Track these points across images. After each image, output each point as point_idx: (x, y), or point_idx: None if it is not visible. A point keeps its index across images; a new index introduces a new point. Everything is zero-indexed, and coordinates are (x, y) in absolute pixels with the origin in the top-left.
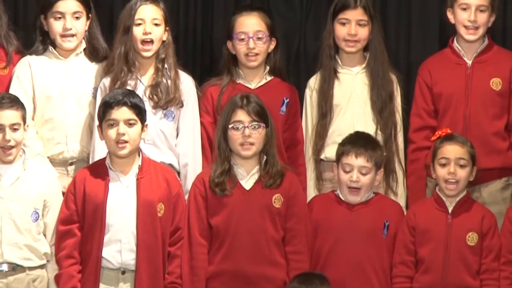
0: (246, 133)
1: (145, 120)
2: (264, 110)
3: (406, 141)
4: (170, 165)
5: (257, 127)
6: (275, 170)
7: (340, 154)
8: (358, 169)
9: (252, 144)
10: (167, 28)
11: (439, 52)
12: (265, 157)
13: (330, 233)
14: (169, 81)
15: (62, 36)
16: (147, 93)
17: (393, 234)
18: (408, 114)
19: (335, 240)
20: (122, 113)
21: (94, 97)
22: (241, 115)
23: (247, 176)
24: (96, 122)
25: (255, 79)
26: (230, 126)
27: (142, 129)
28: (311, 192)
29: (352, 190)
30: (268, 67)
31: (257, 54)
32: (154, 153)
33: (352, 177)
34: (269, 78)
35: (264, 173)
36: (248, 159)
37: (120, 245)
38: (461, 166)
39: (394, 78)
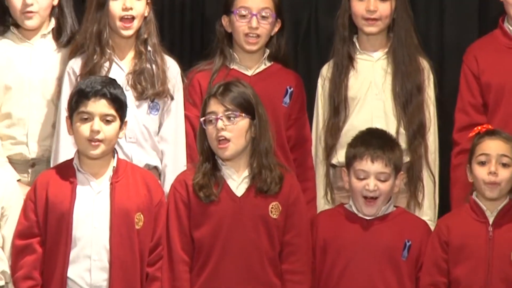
0: (219, 125)
1: (125, 117)
2: (248, 99)
3: (442, 141)
4: (156, 168)
5: (233, 117)
6: (268, 173)
7: (352, 157)
8: (375, 176)
9: (227, 139)
10: (148, 1)
11: (488, 35)
12: (256, 156)
13: (341, 254)
14: (154, 67)
15: (22, 12)
16: (129, 81)
17: (415, 257)
18: (444, 109)
19: (347, 263)
20: (100, 106)
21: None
22: (213, 105)
23: (239, 180)
24: (63, 116)
25: (253, 65)
26: (203, 119)
27: (121, 127)
28: (321, 203)
29: (369, 201)
30: (268, 51)
31: (258, 36)
32: (137, 154)
33: (369, 186)
34: (268, 63)
35: (256, 176)
36: (229, 160)
37: (89, 262)
38: (504, 165)
39: (424, 65)
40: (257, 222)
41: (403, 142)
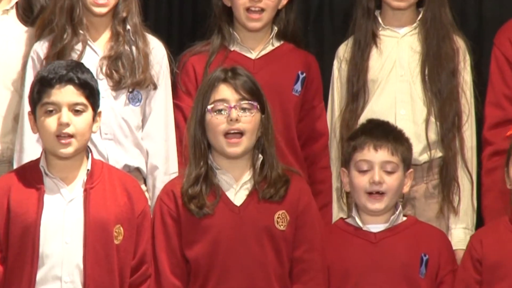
0: (233, 115)
1: (98, 106)
2: (259, 88)
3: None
4: (138, 169)
5: (248, 108)
6: (275, 175)
7: (351, 151)
8: (380, 166)
9: (241, 133)
10: None
11: None
12: (260, 157)
13: (349, 278)
14: (134, 51)
15: None
16: (104, 68)
17: (434, 273)
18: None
19: (355, 285)
20: (67, 94)
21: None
22: (225, 91)
23: (237, 186)
24: (27, 107)
25: (258, 45)
26: (209, 107)
27: (94, 119)
28: (335, 210)
29: (374, 196)
30: (276, 28)
31: (262, 10)
32: (114, 152)
33: (374, 177)
34: (276, 43)
35: (260, 180)
36: (236, 158)
37: (60, 285)
38: None
39: (459, 44)
40: (261, 235)
41: (433, 133)
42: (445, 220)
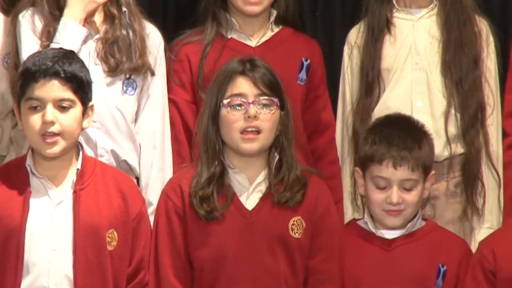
0: (251, 112)
1: (89, 99)
2: (279, 82)
3: None
4: (125, 162)
5: (268, 104)
6: (293, 177)
7: (368, 158)
8: (399, 185)
9: (258, 131)
10: None
11: None
12: (277, 156)
13: (359, 286)
14: (131, 35)
15: None
16: (99, 51)
17: (452, 285)
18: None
19: None
20: (51, 89)
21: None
22: (243, 85)
23: (250, 188)
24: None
25: (257, 32)
26: (225, 102)
27: (84, 114)
28: (349, 212)
29: (390, 213)
30: (275, 12)
31: None
32: (101, 140)
33: (392, 198)
34: (276, 29)
35: (276, 182)
36: (252, 156)
37: None
38: None
39: (483, 27)
40: (274, 243)
41: (454, 128)
42: (468, 221)
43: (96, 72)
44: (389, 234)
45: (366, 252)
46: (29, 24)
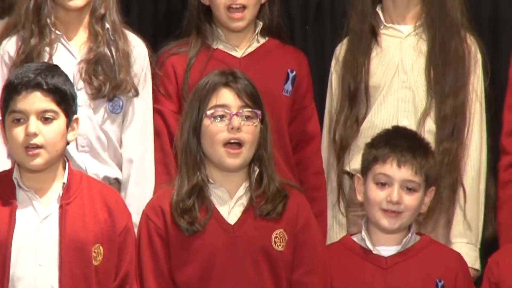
0: (235, 123)
1: (73, 112)
2: (259, 95)
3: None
4: (116, 180)
5: (250, 117)
6: (273, 189)
7: (372, 160)
8: (400, 184)
9: (240, 144)
10: None
11: None
12: (257, 169)
13: None
14: (114, 52)
15: None
16: (83, 73)
17: None
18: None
19: None
20: (33, 101)
21: None
22: (227, 96)
23: (231, 202)
24: None
25: (243, 43)
26: (208, 113)
27: (68, 127)
28: (330, 223)
29: (389, 213)
30: (261, 24)
31: (244, 8)
32: (91, 166)
33: (392, 196)
34: (262, 40)
35: (258, 195)
36: (234, 171)
37: None
38: None
39: (471, 43)
40: (257, 257)
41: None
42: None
43: (81, 96)
44: (385, 251)
45: (363, 270)
46: (9, 63)
